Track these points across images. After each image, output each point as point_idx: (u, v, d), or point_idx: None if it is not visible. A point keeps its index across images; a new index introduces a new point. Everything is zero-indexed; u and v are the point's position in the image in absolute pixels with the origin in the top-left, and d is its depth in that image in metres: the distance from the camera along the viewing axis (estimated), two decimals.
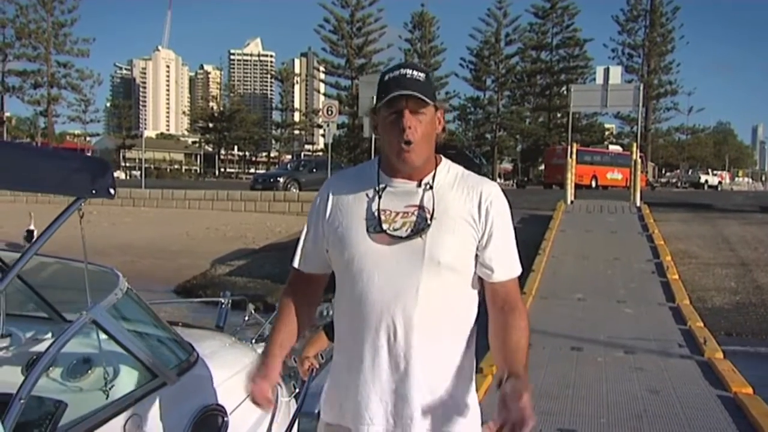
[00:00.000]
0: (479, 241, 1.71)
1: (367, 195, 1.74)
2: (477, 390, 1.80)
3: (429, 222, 1.67)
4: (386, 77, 1.69)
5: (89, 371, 2.27)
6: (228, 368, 2.77)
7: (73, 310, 2.12)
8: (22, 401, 1.79)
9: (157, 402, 2.22)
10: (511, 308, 1.73)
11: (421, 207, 1.70)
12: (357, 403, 1.70)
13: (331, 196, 1.79)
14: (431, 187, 1.72)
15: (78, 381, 2.25)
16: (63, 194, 2.00)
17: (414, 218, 1.69)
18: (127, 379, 2.22)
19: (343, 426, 1.74)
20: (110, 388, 2.14)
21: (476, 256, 1.72)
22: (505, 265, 1.74)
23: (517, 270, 1.78)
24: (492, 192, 1.75)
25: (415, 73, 1.68)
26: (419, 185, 1.72)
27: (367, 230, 1.70)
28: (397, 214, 1.70)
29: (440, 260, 1.66)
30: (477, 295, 1.78)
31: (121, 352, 2.21)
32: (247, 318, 3.83)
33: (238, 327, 3.76)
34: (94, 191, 1.97)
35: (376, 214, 1.70)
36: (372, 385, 1.69)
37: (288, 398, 2.97)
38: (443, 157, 1.79)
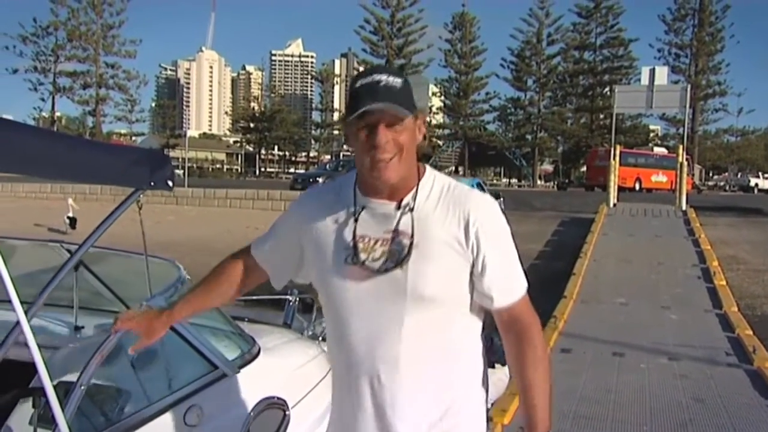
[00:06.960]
0: (473, 268, 1.52)
1: (342, 220, 1.56)
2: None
3: (409, 251, 1.48)
4: (357, 84, 1.47)
5: (152, 363, 2.32)
6: (291, 362, 2.78)
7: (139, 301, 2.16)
8: (82, 387, 1.85)
9: (217, 393, 2.25)
10: (520, 335, 1.55)
11: (400, 233, 1.50)
12: None
13: (304, 221, 1.62)
14: (411, 209, 1.51)
15: (141, 372, 2.31)
16: (121, 185, 2.03)
17: (394, 247, 1.50)
18: (188, 371, 2.26)
19: None
20: (171, 379, 2.19)
21: (471, 283, 1.54)
22: (505, 289, 1.54)
23: (520, 290, 1.57)
24: (480, 210, 1.52)
25: (390, 78, 1.45)
26: (398, 207, 1.52)
27: (345, 261, 1.52)
28: (376, 241, 1.52)
29: (424, 293, 1.48)
30: (476, 322, 1.60)
31: (182, 344, 2.25)
32: (314, 317, 3.85)
33: (305, 325, 3.75)
34: (152, 183, 1.98)
35: (351, 243, 1.52)
36: (361, 428, 1.57)
37: None
38: (427, 168, 1.58)
